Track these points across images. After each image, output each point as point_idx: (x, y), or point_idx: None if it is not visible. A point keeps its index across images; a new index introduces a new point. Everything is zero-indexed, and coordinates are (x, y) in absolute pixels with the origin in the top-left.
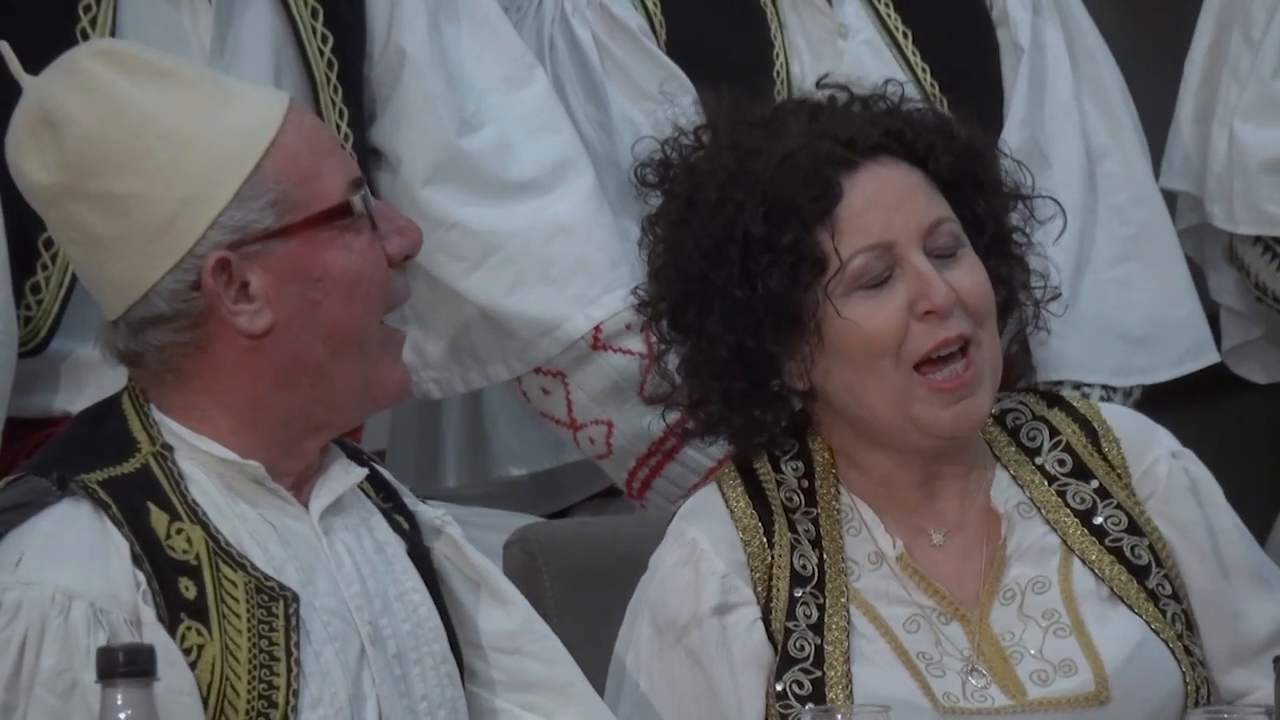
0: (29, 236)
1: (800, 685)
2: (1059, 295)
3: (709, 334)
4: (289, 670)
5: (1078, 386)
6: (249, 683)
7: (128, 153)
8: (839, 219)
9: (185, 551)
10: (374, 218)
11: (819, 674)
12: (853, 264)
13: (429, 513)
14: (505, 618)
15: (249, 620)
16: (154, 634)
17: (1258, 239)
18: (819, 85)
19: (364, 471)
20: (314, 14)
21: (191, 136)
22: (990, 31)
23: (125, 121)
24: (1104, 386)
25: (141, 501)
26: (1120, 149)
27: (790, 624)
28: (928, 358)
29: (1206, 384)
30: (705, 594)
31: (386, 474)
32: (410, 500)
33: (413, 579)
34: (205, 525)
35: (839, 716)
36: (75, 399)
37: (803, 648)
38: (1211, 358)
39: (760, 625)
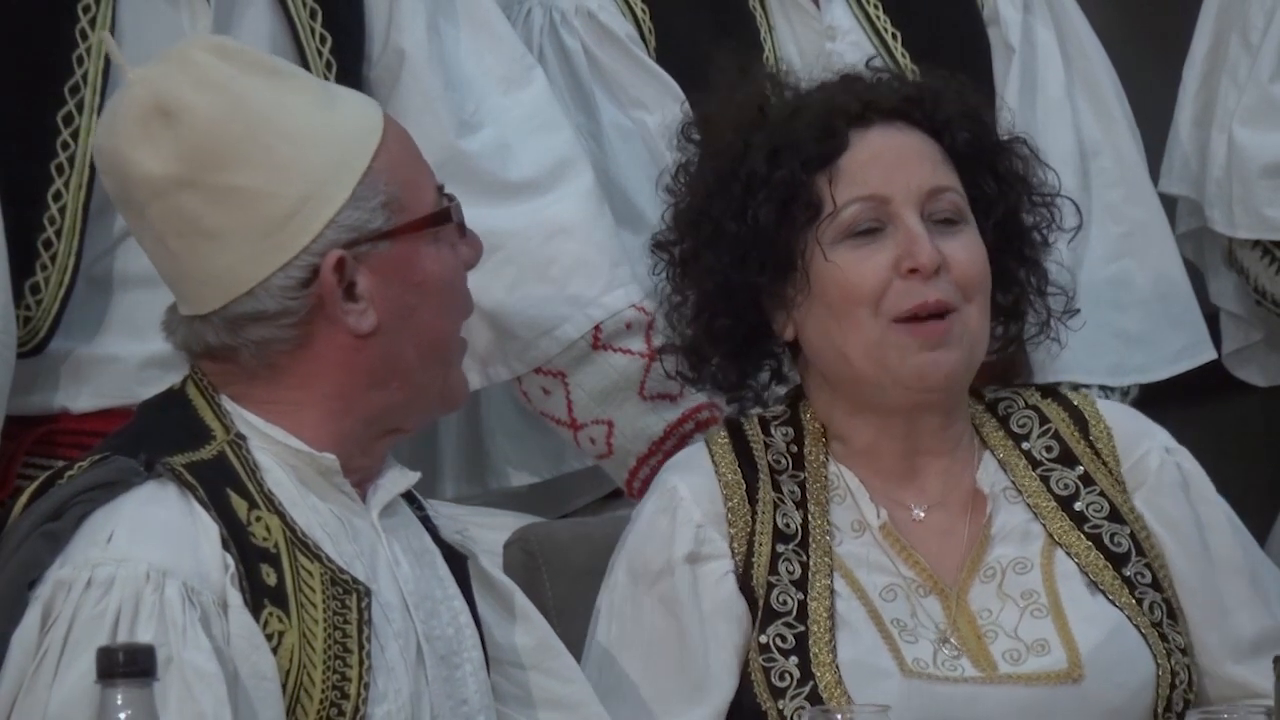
0: (28, 237)
1: (783, 639)
2: (1077, 311)
3: (703, 267)
4: (361, 663)
5: (1075, 388)
6: (324, 673)
7: (248, 147)
8: (839, 168)
9: (265, 539)
10: (464, 225)
11: (802, 629)
12: (845, 211)
13: (449, 528)
14: (523, 634)
15: (324, 611)
16: (240, 618)
17: (1256, 243)
18: (867, 65)
19: (417, 475)
20: (312, 15)
21: (309, 134)
22: (981, 31)
23: (245, 115)
24: (1101, 387)
25: (221, 488)
26: (1114, 146)
27: (772, 578)
28: (904, 317)
29: (1206, 385)
30: (679, 541)
31: (414, 491)
32: (433, 514)
33: (452, 586)
34: (282, 514)
35: (839, 717)
36: (75, 397)
37: (785, 602)
38: (1208, 355)
39: (731, 579)
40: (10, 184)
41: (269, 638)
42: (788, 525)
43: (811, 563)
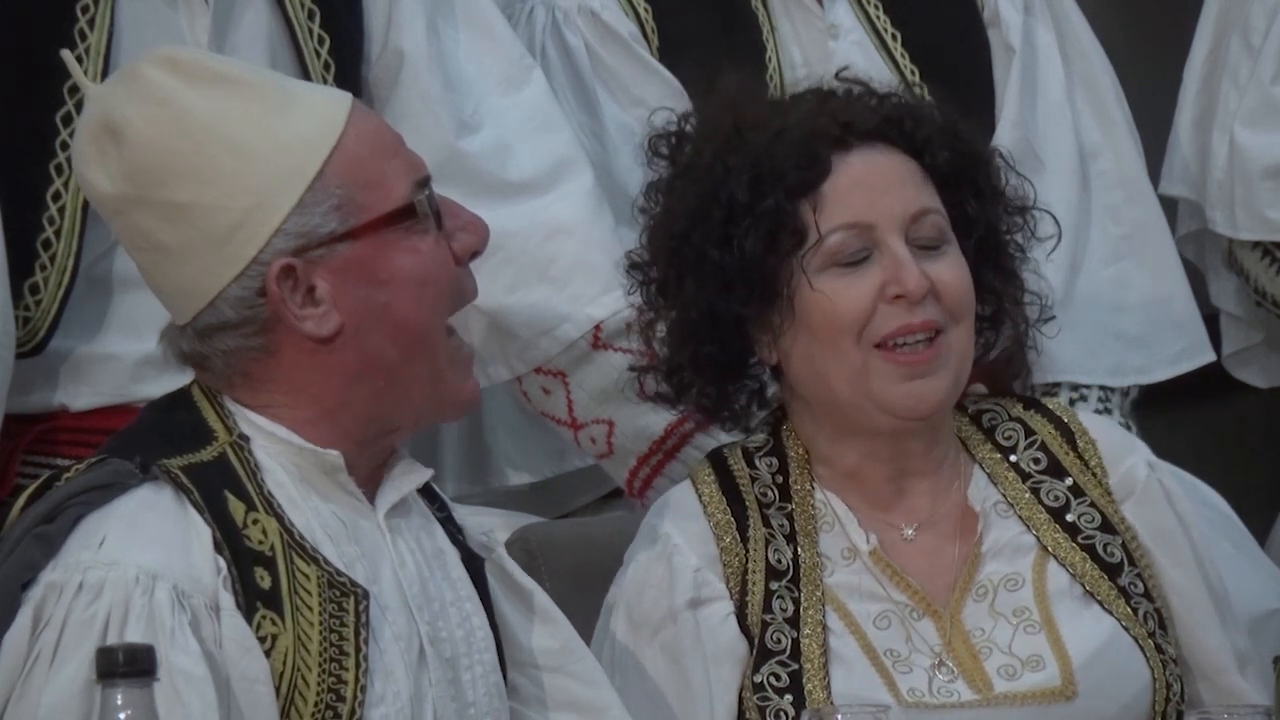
0: (28, 237)
1: (778, 677)
2: (1052, 318)
3: (685, 295)
4: (357, 666)
5: (1075, 388)
6: (319, 675)
7: (190, 162)
8: (823, 194)
9: (261, 542)
10: (440, 218)
11: (796, 666)
12: (830, 239)
13: (476, 530)
14: (548, 636)
15: (320, 614)
16: (232, 620)
17: (1256, 244)
18: (837, 77)
19: (429, 472)
20: (310, 16)
21: (254, 144)
22: (981, 32)
23: (186, 130)
24: (1101, 387)
25: (219, 490)
26: (1113, 148)
27: (767, 616)
28: (890, 340)
29: (1206, 386)
30: (679, 588)
31: (436, 488)
32: (459, 515)
33: (467, 588)
34: (280, 517)
35: (839, 717)
36: (75, 396)
37: (779, 640)
38: (1207, 357)
39: (733, 620)
40: (9, 184)
41: (262, 640)
42: (779, 561)
43: (803, 599)
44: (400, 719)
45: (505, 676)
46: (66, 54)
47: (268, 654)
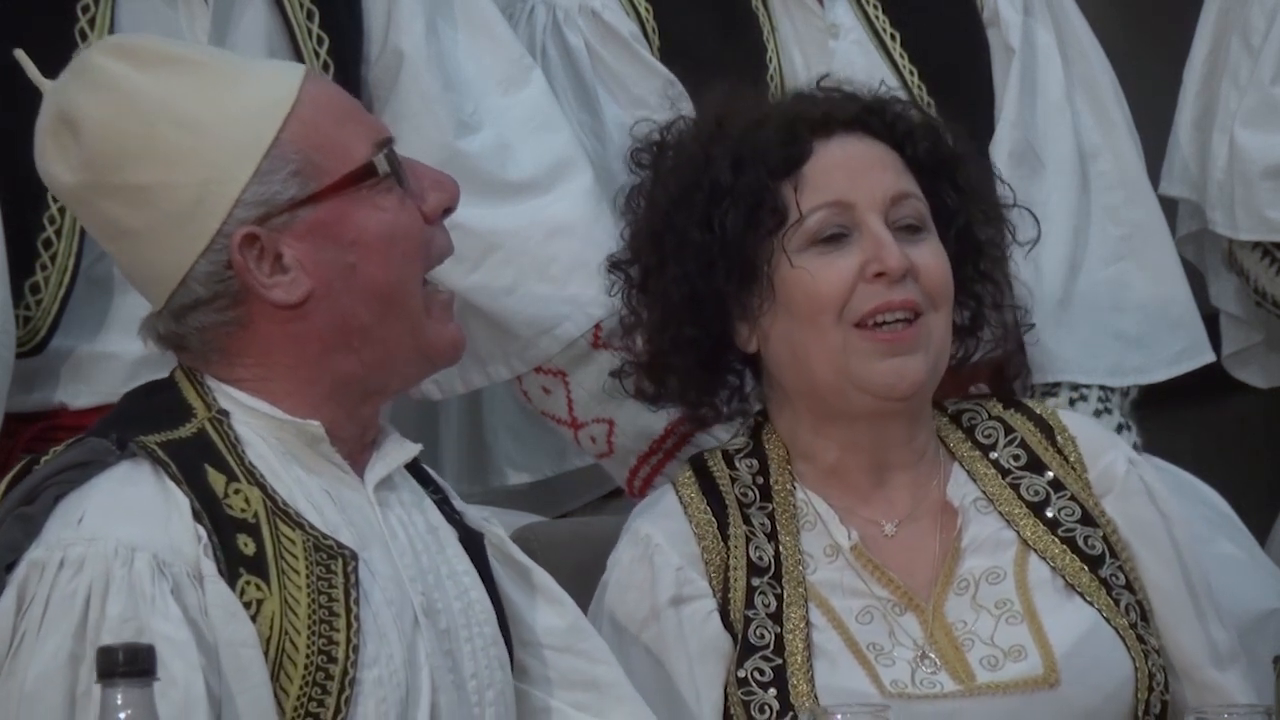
0: (28, 237)
1: (761, 672)
2: (1031, 326)
3: (666, 278)
4: (349, 626)
5: (1075, 388)
6: (308, 637)
7: (144, 143)
8: (804, 175)
9: (244, 510)
10: (400, 175)
11: (780, 661)
12: (811, 219)
13: (475, 515)
14: (556, 616)
15: (308, 577)
16: (215, 587)
17: (1256, 244)
18: (819, 85)
19: (418, 447)
20: (309, 16)
21: (206, 119)
22: (980, 33)
23: (138, 112)
24: (1101, 387)
25: (198, 464)
26: (1113, 148)
27: (749, 613)
28: (869, 318)
29: (1207, 386)
30: (661, 587)
31: (434, 474)
32: (458, 502)
33: (464, 563)
34: (262, 486)
35: (838, 717)
36: (76, 394)
37: (762, 636)
38: (1207, 357)
39: (716, 617)
40: (10, 184)
41: (247, 606)
42: (760, 558)
43: (786, 594)
44: (394, 681)
45: (511, 654)
46: (20, 54)
47: (254, 619)
